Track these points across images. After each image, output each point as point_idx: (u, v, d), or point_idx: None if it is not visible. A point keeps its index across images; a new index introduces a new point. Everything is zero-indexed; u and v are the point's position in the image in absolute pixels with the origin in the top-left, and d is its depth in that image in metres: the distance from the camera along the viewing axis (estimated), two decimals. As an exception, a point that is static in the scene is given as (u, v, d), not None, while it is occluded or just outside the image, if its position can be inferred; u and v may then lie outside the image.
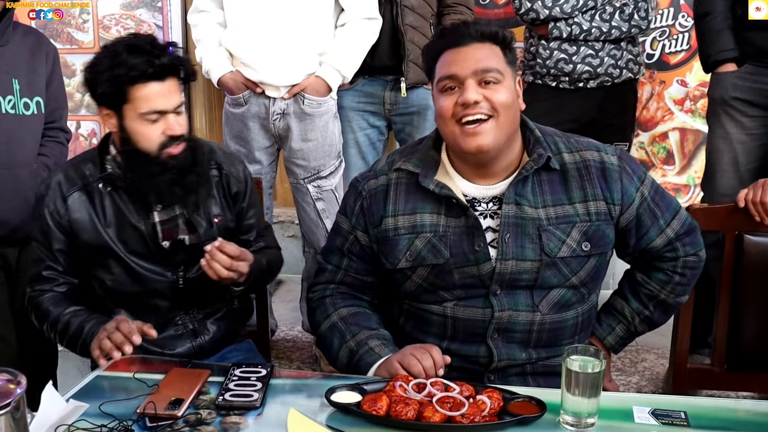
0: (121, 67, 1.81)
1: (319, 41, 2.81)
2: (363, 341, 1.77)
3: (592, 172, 1.76)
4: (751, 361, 2.15)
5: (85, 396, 1.58)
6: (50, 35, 4.23)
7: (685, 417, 1.51)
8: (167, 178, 1.90)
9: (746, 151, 2.73)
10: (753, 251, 2.09)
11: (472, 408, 1.46)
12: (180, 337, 2.03)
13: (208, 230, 2.00)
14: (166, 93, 1.86)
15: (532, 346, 1.78)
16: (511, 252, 1.72)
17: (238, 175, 2.08)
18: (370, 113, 3.07)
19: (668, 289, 1.89)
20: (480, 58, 1.69)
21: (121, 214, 1.95)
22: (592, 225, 1.75)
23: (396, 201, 1.79)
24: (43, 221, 1.95)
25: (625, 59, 2.94)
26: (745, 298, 2.11)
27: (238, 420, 1.51)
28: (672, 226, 1.83)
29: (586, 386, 1.44)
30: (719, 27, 2.71)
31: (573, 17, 2.88)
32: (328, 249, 1.92)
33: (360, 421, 1.48)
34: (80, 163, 1.98)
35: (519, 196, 1.74)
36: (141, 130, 1.87)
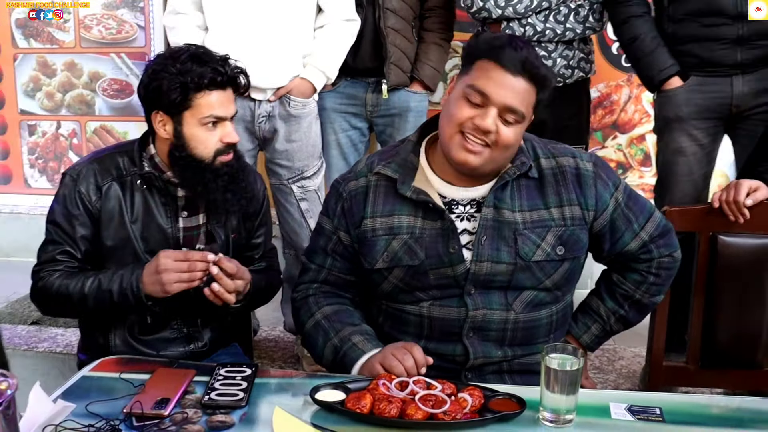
0: (189, 75, 1.85)
1: (302, 43, 2.83)
2: (346, 337, 1.79)
3: (568, 177, 1.80)
4: (724, 358, 2.19)
5: (72, 396, 1.60)
6: (31, 35, 4.23)
7: (660, 413, 1.55)
8: (220, 185, 1.93)
9: (698, 160, 2.79)
10: (726, 251, 2.13)
11: (454, 405, 1.49)
12: (173, 341, 2.04)
13: (223, 244, 2.01)
14: (226, 101, 1.91)
15: (507, 344, 1.82)
16: (486, 254, 1.76)
17: (258, 193, 2.11)
18: (351, 115, 3.09)
19: (643, 289, 1.93)
20: (516, 95, 1.71)
21: (149, 212, 1.96)
22: (566, 230, 1.79)
23: (375, 203, 1.83)
24: (71, 205, 1.95)
25: (576, 58, 2.89)
26: (719, 297, 2.15)
27: (224, 419, 1.53)
28: (646, 229, 1.87)
29: (565, 384, 1.48)
30: (652, 47, 2.74)
31: (526, 18, 2.83)
32: (312, 249, 1.95)
33: (344, 419, 1.51)
34: (116, 154, 1.99)
35: (498, 200, 1.78)
36: (200, 136, 1.90)
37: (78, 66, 4.26)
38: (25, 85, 4.32)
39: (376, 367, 1.69)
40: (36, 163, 4.40)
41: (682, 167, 2.80)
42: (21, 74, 4.31)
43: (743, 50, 2.61)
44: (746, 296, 2.14)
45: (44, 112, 4.34)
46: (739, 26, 2.59)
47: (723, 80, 2.67)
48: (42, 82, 4.30)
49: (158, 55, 1.95)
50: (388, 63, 2.95)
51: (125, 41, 4.17)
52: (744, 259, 2.13)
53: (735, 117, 2.73)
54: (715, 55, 2.65)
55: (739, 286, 2.14)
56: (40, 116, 4.35)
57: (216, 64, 1.88)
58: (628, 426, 1.52)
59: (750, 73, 2.65)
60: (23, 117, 4.36)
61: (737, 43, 2.61)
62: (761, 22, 2.57)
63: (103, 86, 4.25)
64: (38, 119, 4.35)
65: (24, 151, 4.40)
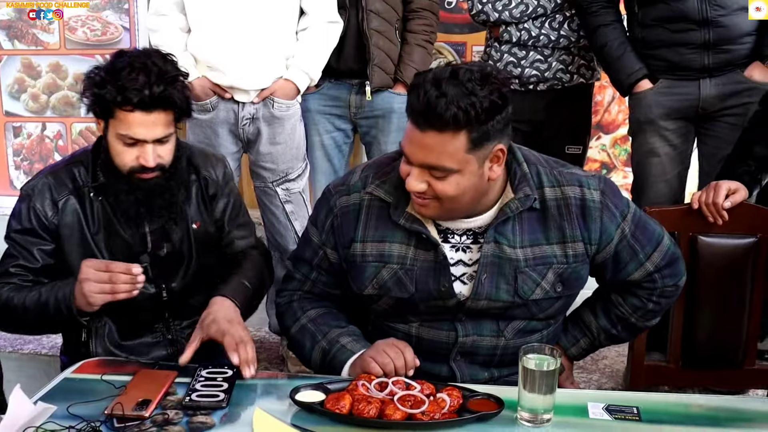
0: (110, 86, 1.79)
1: (285, 45, 2.83)
2: (334, 339, 1.78)
3: (572, 210, 1.71)
4: (705, 357, 2.22)
5: (53, 398, 1.60)
6: (15, 36, 4.22)
7: (637, 412, 1.57)
8: (133, 199, 1.90)
9: (671, 160, 2.82)
10: (706, 252, 2.16)
11: (433, 405, 1.51)
12: (156, 345, 2.04)
13: (184, 238, 1.99)
14: (149, 124, 1.82)
15: (495, 365, 1.80)
16: (485, 292, 1.71)
17: (216, 177, 2.06)
18: (335, 116, 3.09)
19: (639, 314, 1.89)
20: (428, 152, 1.57)
21: (110, 222, 1.94)
22: (568, 267, 1.73)
23: (366, 226, 1.76)
24: (26, 221, 1.92)
25: (576, 64, 2.95)
26: (699, 297, 2.17)
27: (204, 420, 1.54)
28: (652, 259, 1.80)
29: (542, 384, 1.50)
30: (620, 52, 2.78)
31: (522, 22, 2.89)
32: (298, 257, 1.90)
33: (324, 419, 1.52)
34: (72, 165, 1.96)
35: (499, 234, 1.70)
36: (116, 148, 1.87)
37: (63, 68, 4.25)
38: (9, 86, 4.30)
39: (367, 361, 1.67)
40: (21, 165, 4.38)
41: (656, 168, 2.84)
42: (6, 76, 4.30)
43: (710, 54, 2.66)
44: (726, 296, 2.17)
45: (29, 114, 4.33)
46: (705, 31, 2.64)
47: (691, 83, 2.72)
48: (27, 84, 4.29)
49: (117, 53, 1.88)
50: (371, 65, 2.96)
51: (110, 43, 4.16)
52: (724, 259, 2.17)
53: (702, 118, 2.77)
54: (683, 60, 2.69)
55: (719, 286, 2.17)
56: (25, 118, 4.33)
57: (146, 82, 1.78)
58: (604, 425, 1.53)
59: (717, 76, 2.69)
60: (8, 119, 4.34)
61: (704, 48, 2.66)
62: (726, 28, 2.62)
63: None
64: (23, 121, 4.34)
65: (9, 152, 4.38)
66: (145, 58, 1.83)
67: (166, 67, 1.85)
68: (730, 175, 2.27)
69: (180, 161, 1.98)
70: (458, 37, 3.94)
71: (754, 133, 2.39)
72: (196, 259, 2.02)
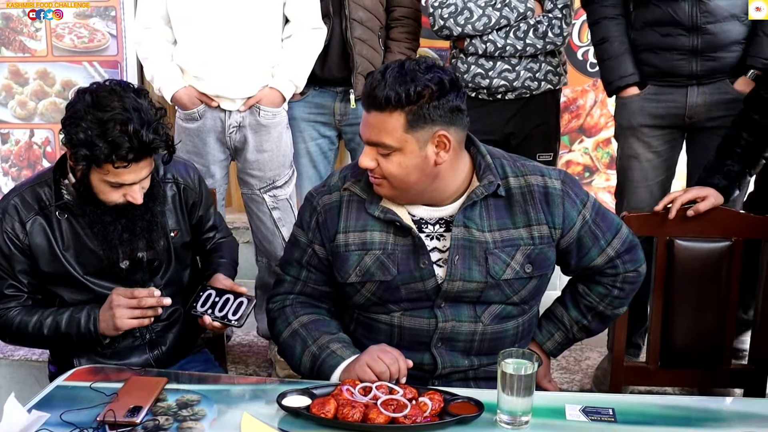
0: (101, 142, 1.77)
1: (271, 53, 2.87)
2: (324, 345, 1.83)
3: (536, 196, 1.83)
4: (682, 358, 2.27)
5: (45, 406, 1.64)
6: (2, 43, 4.24)
7: (612, 413, 1.63)
8: (118, 227, 1.94)
9: (653, 167, 2.84)
10: (683, 255, 2.21)
11: (415, 409, 1.56)
12: (137, 348, 2.08)
13: (162, 247, 2.05)
14: (138, 170, 1.86)
15: (475, 353, 1.88)
16: (459, 273, 1.80)
17: (195, 185, 2.14)
18: (321, 123, 3.14)
19: (606, 301, 1.98)
20: (373, 129, 1.74)
21: (78, 238, 1.98)
22: (535, 248, 1.83)
23: (348, 218, 1.86)
24: (2, 244, 1.96)
25: (543, 71, 2.95)
26: (677, 299, 2.23)
27: (194, 425, 1.58)
28: (612, 245, 1.91)
29: (520, 387, 1.55)
30: (617, 52, 2.79)
31: (487, 34, 2.89)
32: (287, 261, 1.97)
33: (309, 423, 1.57)
34: (36, 186, 1.99)
35: (467, 219, 1.81)
36: (102, 189, 1.89)
37: (50, 74, 4.27)
38: (-3, 93, 4.33)
39: (363, 369, 1.72)
40: (9, 171, 4.40)
41: (637, 173, 2.86)
42: (-7, 83, 4.32)
43: (698, 61, 2.66)
44: (702, 298, 2.22)
45: (17, 121, 4.34)
46: (694, 38, 2.63)
47: (678, 90, 2.72)
48: (14, 91, 4.31)
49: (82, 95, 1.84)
50: (355, 73, 3.00)
51: (97, 50, 4.19)
52: (700, 262, 2.21)
53: (689, 128, 2.78)
54: (671, 65, 2.69)
55: (696, 288, 2.22)
56: (12, 124, 4.35)
57: (136, 136, 1.78)
58: (581, 427, 1.59)
59: (705, 84, 2.69)
60: (-4, 125, 4.37)
61: (693, 54, 2.65)
62: (714, 35, 2.62)
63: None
64: (11, 127, 4.36)
65: (-3, 159, 4.40)
66: (122, 102, 1.81)
67: (147, 109, 1.85)
68: (707, 179, 2.33)
69: (156, 173, 2.00)
70: (442, 42, 3.98)
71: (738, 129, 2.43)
72: (173, 266, 2.10)
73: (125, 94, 1.84)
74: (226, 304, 1.98)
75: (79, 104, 1.82)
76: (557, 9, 2.91)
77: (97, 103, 1.81)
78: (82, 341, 1.98)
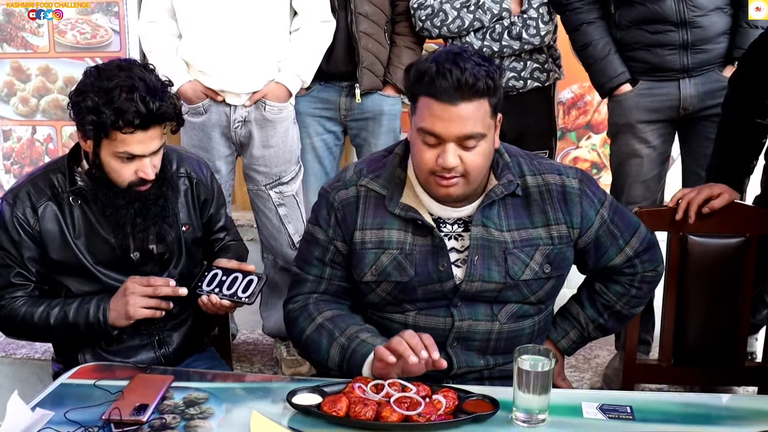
0: (107, 110, 1.78)
1: (277, 47, 2.83)
2: (353, 335, 1.77)
3: (554, 195, 1.80)
4: (696, 356, 2.24)
5: (49, 404, 1.61)
6: (4, 39, 4.21)
7: (630, 411, 1.59)
8: (131, 211, 1.92)
9: (650, 161, 2.84)
10: (696, 251, 2.17)
11: (428, 407, 1.52)
12: (144, 347, 2.05)
13: (174, 241, 2.03)
14: (147, 140, 1.85)
15: (490, 353, 1.84)
16: (478, 274, 1.77)
17: (207, 182, 2.12)
18: (326, 119, 3.10)
19: (624, 300, 1.95)
20: (465, 122, 1.67)
21: (90, 226, 1.96)
22: (554, 248, 1.80)
23: (365, 215, 1.82)
24: (12, 230, 1.94)
25: (529, 69, 2.94)
26: (690, 296, 2.19)
27: (201, 423, 1.55)
28: (631, 244, 1.89)
29: (537, 384, 1.51)
30: (603, 54, 2.79)
31: (463, 36, 2.90)
32: (305, 260, 1.91)
33: (320, 422, 1.53)
34: (49, 172, 1.97)
35: (486, 218, 1.78)
36: (114, 165, 1.87)
37: (53, 71, 4.24)
38: (-1, 90, 4.30)
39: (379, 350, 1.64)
40: (11, 168, 4.37)
41: (635, 169, 2.85)
42: (-5, 79, 4.29)
43: (689, 55, 2.68)
44: (716, 295, 2.19)
45: (19, 117, 4.32)
46: (684, 32, 2.66)
47: (671, 84, 2.73)
48: (16, 87, 4.28)
49: (90, 71, 1.86)
50: (360, 67, 2.97)
51: (100, 46, 4.16)
52: (713, 258, 2.18)
53: (684, 119, 2.79)
54: (662, 61, 2.71)
55: (709, 285, 2.18)
56: (15, 121, 4.33)
57: (142, 102, 1.79)
58: (599, 425, 1.55)
59: (696, 76, 2.71)
60: (-2, 122, 4.34)
61: (683, 48, 2.68)
62: (703, 28, 2.65)
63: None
64: (13, 124, 4.33)
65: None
66: (128, 72, 1.83)
67: (153, 80, 1.86)
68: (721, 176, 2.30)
69: (169, 165, 2.02)
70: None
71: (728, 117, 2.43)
72: (183, 260, 2.07)
73: (131, 66, 1.85)
74: (234, 282, 1.93)
75: (86, 79, 1.84)
76: (532, 9, 2.90)
77: (104, 75, 1.83)
78: (89, 332, 1.94)
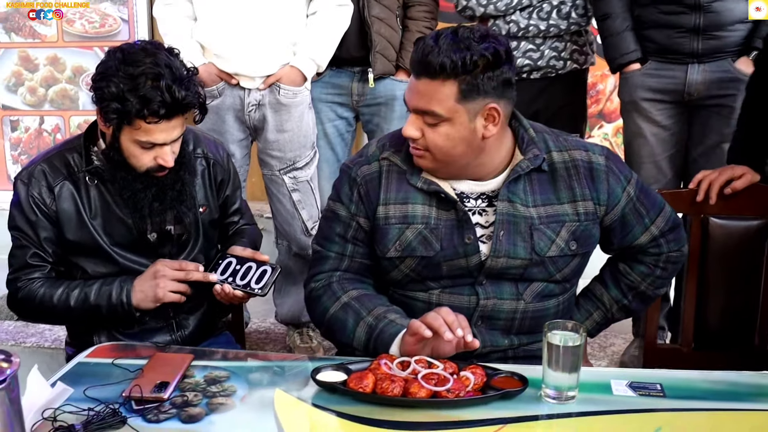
0: (132, 98, 1.74)
1: (293, 30, 2.80)
2: (381, 315, 1.73)
3: (581, 171, 1.78)
4: (717, 340, 2.21)
5: (68, 382, 1.57)
6: (12, 29, 4.19)
7: (661, 388, 1.57)
8: (149, 195, 1.89)
9: (660, 141, 2.82)
10: (718, 234, 2.15)
11: (457, 383, 1.49)
12: (159, 330, 2.02)
13: (191, 222, 2.00)
14: (170, 129, 1.81)
15: (515, 332, 1.81)
16: (503, 249, 1.73)
17: (224, 162, 2.09)
18: (338, 104, 3.08)
19: (648, 281, 1.92)
20: (423, 96, 1.66)
21: (107, 206, 1.93)
22: (580, 225, 1.77)
23: (388, 189, 1.79)
24: (28, 210, 1.91)
25: (569, 50, 2.92)
26: (711, 279, 2.16)
27: (225, 401, 1.52)
28: (656, 223, 1.86)
29: (567, 360, 1.48)
30: (620, 29, 2.77)
31: (509, 15, 2.86)
32: (327, 237, 1.87)
33: (346, 399, 1.51)
34: (65, 151, 1.93)
35: (512, 193, 1.74)
36: (133, 151, 1.84)
37: (61, 60, 4.22)
38: (6, 80, 4.28)
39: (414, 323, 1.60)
40: (19, 159, 4.36)
41: (643, 149, 2.84)
42: (2, 69, 4.27)
43: (700, 40, 2.66)
44: (738, 278, 2.16)
45: (27, 107, 4.30)
46: (696, 16, 2.63)
47: (679, 67, 2.71)
48: (24, 77, 4.26)
49: (113, 53, 1.80)
50: (373, 52, 2.94)
51: (109, 35, 4.14)
52: (735, 240, 2.16)
53: (689, 105, 2.77)
54: (672, 43, 2.69)
55: (731, 267, 2.16)
56: (22, 111, 4.31)
57: (168, 91, 1.74)
58: (629, 401, 1.52)
59: (705, 62, 2.69)
60: (5, 112, 4.32)
61: (694, 33, 2.65)
62: (717, 13, 2.62)
63: (87, 80, 4.18)
64: (21, 114, 4.31)
65: (6, 147, 4.35)
66: (154, 59, 1.77)
67: (179, 67, 1.81)
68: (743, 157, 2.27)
69: (186, 146, 1.99)
70: (459, 26, 3.93)
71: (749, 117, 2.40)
72: (200, 242, 2.04)
73: (157, 52, 1.80)
74: (248, 272, 1.90)
75: (110, 62, 1.79)
76: None
77: (129, 60, 1.77)
78: (111, 314, 1.91)
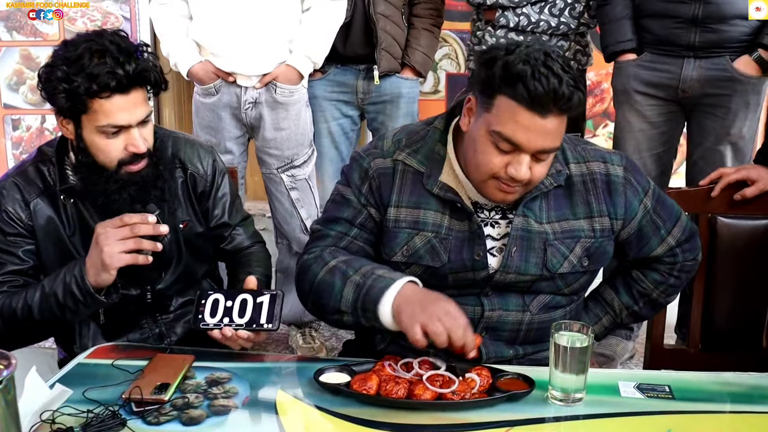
0: (79, 77, 1.63)
1: (288, 28, 2.78)
2: (369, 272, 1.63)
3: (598, 185, 1.73)
4: (724, 341, 2.18)
5: (67, 383, 1.55)
6: (14, 27, 4.16)
7: (669, 390, 1.54)
8: (126, 196, 1.76)
9: (647, 138, 2.78)
10: (726, 233, 2.12)
11: (462, 385, 1.47)
12: (145, 341, 1.95)
13: (171, 239, 1.89)
14: (131, 106, 1.69)
15: (519, 342, 1.77)
16: (514, 265, 1.69)
17: (204, 172, 1.96)
18: (342, 102, 3.06)
19: (661, 289, 1.89)
20: (548, 136, 1.55)
21: (85, 222, 1.83)
22: (595, 241, 1.73)
23: (401, 191, 1.72)
24: (4, 225, 1.80)
25: (572, 50, 2.89)
26: (719, 279, 2.13)
27: (226, 402, 1.50)
28: (673, 234, 1.83)
29: (574, 361, 1.46)
30: (618, 16, 2.74)
31: (521, 7, 2.81)
32: (331, 219, 1.78)
33: (350, 401, 1.48)
34: (38, 163, 1.83)
35: (527, 209, 1.70)
36: (99, 143, 1.71)
37: (62, 59, 4.20)
38: (8, 78, 4.25)
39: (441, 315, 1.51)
40: (20, 158, 4.33)
41: (629, 143, 2.80)
42: (4, 67, 4.24)
43: (697, 32, 2.62)
44: (746, 278, 2.13)
45: (28, 106, 4.28)
46: (696, 6, 2.59)
47: (675, 61, 2.67)
48: (26, 76, 4.24)
49: (56, 48, 1.71)
50: (379, 49, 2.92)
51: (110, 33, 4.12)
52: (743, 240, 2.12)
53: (685, 103, 2.73)
54: (669, 34, 2.65)
55: (739, 268, 2.13)
56: (24, 110, 4.28)
57: (114, 62, 1.63)
58: (638, 403, 1.50)
59: (702, 58, 2.65)
60: (7, 111, 4.29)
61: (692, 24, 2.61)
62: (716, 5, 2.58)
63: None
64: (22, 113, 4.29)
65: (8, 145, 4.33)
66: (99, 39, 1.68)
67: (125, 43, 1.70)
68: None
69: (163, 146, 1.88)
70: (462, 25, 3.91)
71: None
72: (183, 260, 1.95)
73: (101, 33, 1.70)
74: (245, 306, 1.67)
75: (54, 54, 1.69)
76: None
77: (71, 46, 1.68)
78: (72, 301, 1.71)
